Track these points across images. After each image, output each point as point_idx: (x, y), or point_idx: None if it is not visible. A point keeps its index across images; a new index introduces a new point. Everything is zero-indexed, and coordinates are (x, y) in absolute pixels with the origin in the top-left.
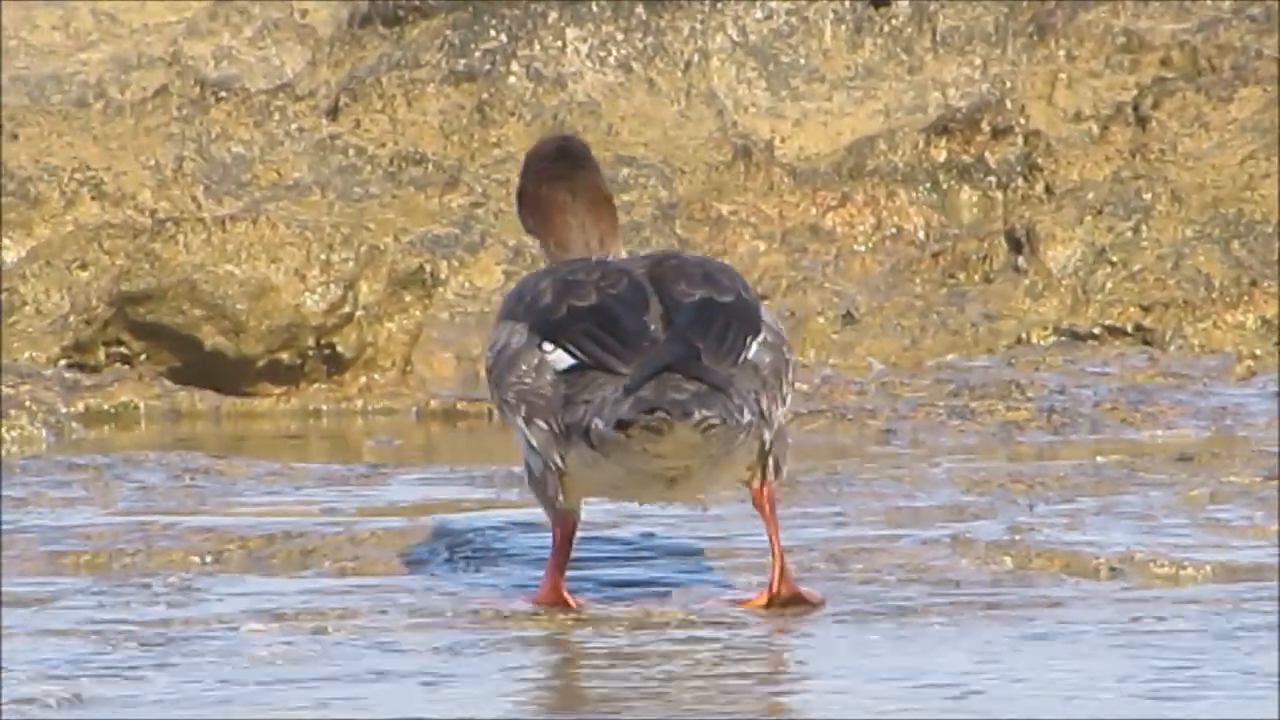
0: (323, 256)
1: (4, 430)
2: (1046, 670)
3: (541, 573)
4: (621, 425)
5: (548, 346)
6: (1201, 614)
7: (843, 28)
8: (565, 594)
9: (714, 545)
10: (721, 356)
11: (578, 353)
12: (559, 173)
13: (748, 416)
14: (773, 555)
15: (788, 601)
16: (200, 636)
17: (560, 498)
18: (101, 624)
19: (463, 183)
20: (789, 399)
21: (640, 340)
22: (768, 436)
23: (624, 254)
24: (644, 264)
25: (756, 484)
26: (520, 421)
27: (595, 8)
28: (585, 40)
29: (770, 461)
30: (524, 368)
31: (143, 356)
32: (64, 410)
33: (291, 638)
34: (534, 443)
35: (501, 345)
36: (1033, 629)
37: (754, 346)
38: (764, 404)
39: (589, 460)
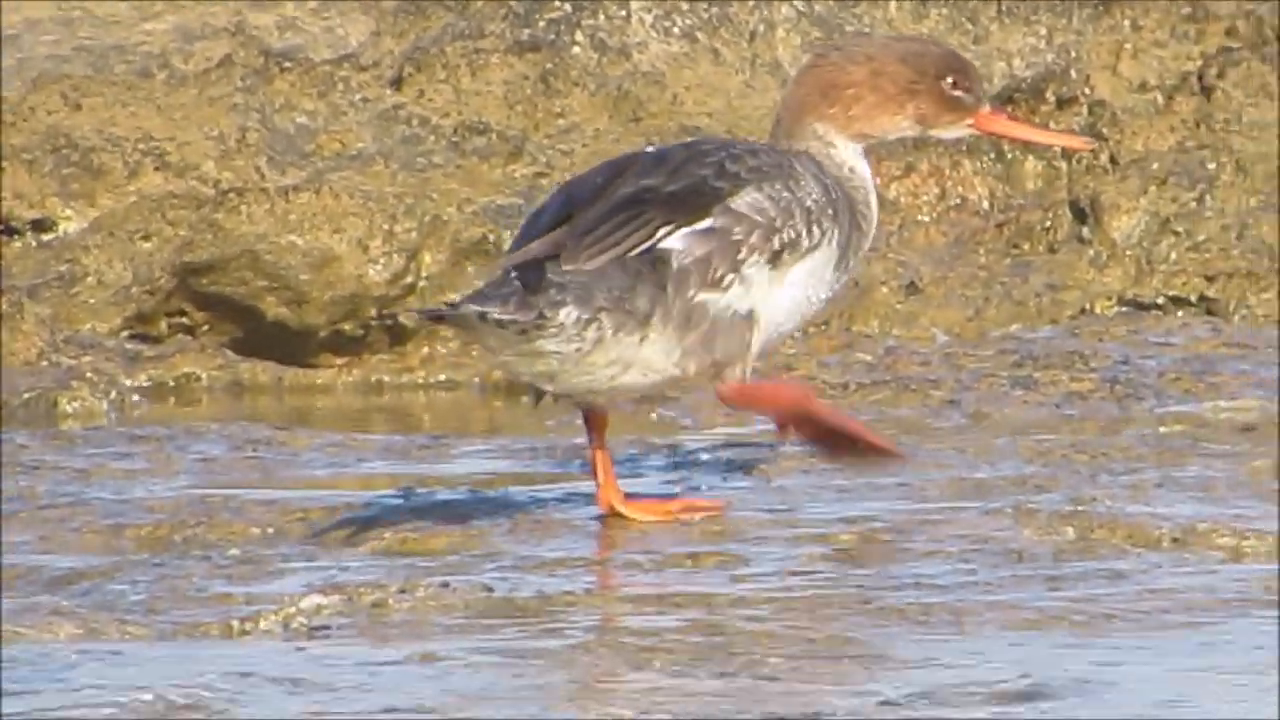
0: (385, 227)
1: (66, 402)
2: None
3: (605, 547)
4: (429, 317)
5: None
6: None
7: None
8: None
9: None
10: (599, 250)
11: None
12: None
13: (570, 314)
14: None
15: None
16: (263, 610)
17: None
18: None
19: (526, 153)
20: (727, 279)
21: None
22: (656, 336)
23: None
24: (652, 155)
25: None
26: None
27: None
28: (650, 10)
29: (705, 360)
30: None
31: (205, 328)
32: (126, 382)
33: (352, 611)
34: None
35: None
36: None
37: (676, 236)
38: (642, 300)
39: None
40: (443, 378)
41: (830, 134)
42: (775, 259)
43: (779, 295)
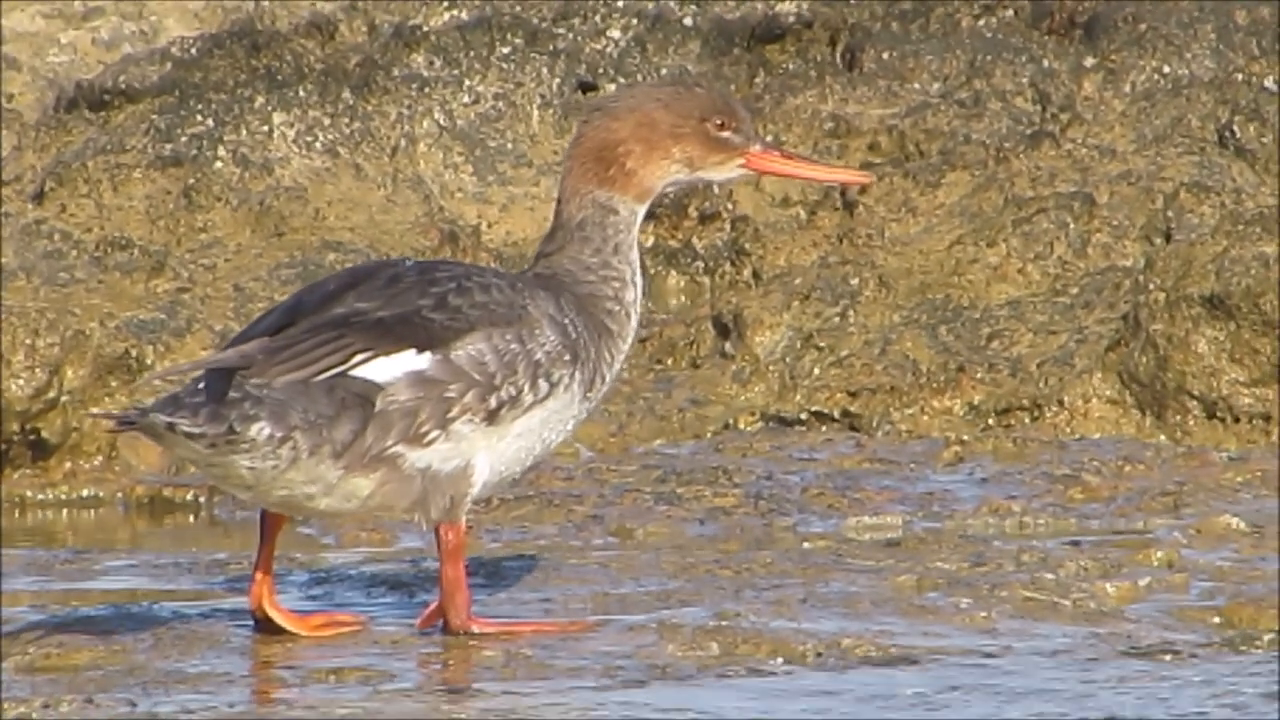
0: (28, 342)
1: None
2: None
3: (249, 662)
4: (119, 422)
5: None
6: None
7: (550, 112)
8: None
9: None
10: (292, 369)
11: None
12: None
13: (262, 430)
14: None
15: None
16: None
17: None
18: None
19: (169, 268)
20: (431, 435)
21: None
22: (358, 468)
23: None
24: (391, 272)
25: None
26: None
27: (302, 93)
28: (292, 125)
29: (410, 505)
30: None
31: None
32: None
33: None
34: None
35: None
36: None
37: (387, 372)
38: (341, 431)
39: None
40: (86, 493)
41: (614, 200)
42: (492, 416)
43: (502, 447)
